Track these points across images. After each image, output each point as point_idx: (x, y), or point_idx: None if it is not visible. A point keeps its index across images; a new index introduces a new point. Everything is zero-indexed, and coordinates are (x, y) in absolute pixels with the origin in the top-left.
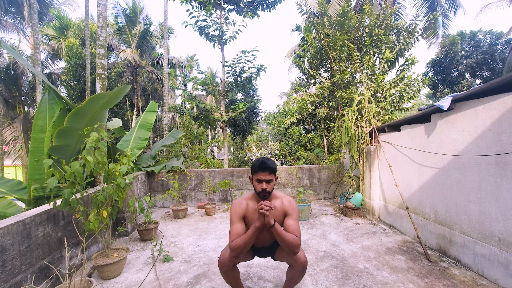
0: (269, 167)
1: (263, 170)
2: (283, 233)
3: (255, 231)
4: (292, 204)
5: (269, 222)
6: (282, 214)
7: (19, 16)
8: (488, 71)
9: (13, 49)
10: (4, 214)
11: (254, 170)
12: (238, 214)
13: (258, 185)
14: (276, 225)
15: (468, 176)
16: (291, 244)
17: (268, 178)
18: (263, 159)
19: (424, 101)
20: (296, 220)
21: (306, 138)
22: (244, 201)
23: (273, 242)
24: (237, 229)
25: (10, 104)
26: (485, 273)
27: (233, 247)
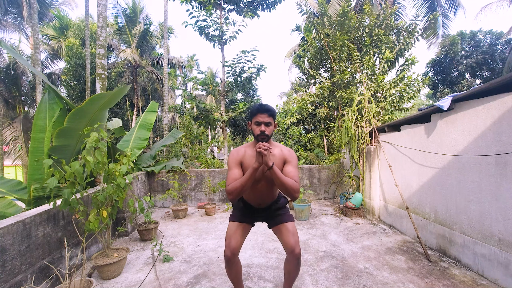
0: (268, 109)
1: (262, 112)
2: (282, 176)
3: (252, 172)
4: (291, 153)
5: (267, 163)
6: (282, 162)
7: (20, 16)
8: (488, 71)
9: (13, 49)
10: (4, 214)
11: (253, 113)
12: (235, 160)
13: (256, 128)
14: (275, 167)
15: (468, 176)
16: (290, 187)
17: (267, 120)
18: (262, 103)
19: (424, 101)
20: (295, 167)
21: (306, 138)
22: (242, 148)
23: (271, 203)
24: (234, 174)
25: (10, 104)
26: (485, 273)
27: (229, 189)
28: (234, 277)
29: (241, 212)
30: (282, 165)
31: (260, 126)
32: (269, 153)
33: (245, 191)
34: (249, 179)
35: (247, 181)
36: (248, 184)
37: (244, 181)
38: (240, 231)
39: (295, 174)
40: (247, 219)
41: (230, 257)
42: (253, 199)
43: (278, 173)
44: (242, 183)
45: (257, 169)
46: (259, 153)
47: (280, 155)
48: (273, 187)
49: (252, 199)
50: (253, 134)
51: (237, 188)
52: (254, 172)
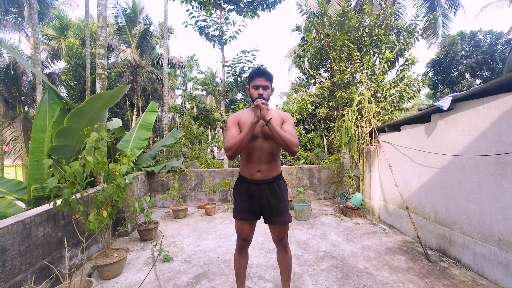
0: (265, 72)
1: (260, 76)
2: (280, 130)
3: (251, 126)
4: (288, 115)
5: (264, 116)
6: (280, 121)
7: (20, 16)
8: (488, 71)
9: (13, 49)
10: (4, 214)
11: (251, 77)
12: (233, 120)
13: (254, 92)
14: (273, 121)
15: (468, 176)
16: (288, 140)
17: (265, 83)
18: (259, 66)
19: (424, 101)
20: (293, 127)
21: (306, 138)
22: (240, 111)
23: (272, 179)
24: (232, 133)
25: (10, 104)
26: (485, 273)
27: (228, 146)
28: (240, 268)
29: (242, 204)
30: (280, 124)
31: (258, 90)
32: (266, 106)
33: (243, 147)
34: (248, 133)
35: (245, 136)
36: (246, 139)
37: (243, 136)
38: (248, 225)
39: (292, 132)
40: (250, 214)
41: (243, 244)
42: (252, 166)
43: (276, 127)
44: (240, 138)
45: (255, 123)
46: (257, 107)
47: (278, 115)
48: (272, 147)
49: (251, 165)
50: (251, 98)
51: (235, 143)
52: (253, 126)
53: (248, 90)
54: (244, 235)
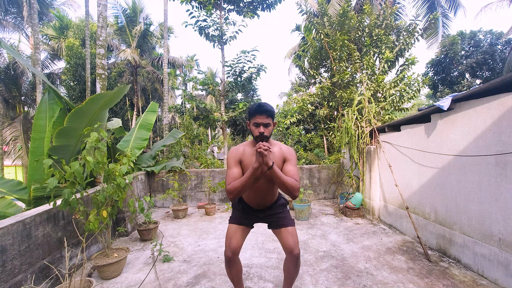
0: (266, 110)
1: (261, 113)
2: (282, 175)
3: (253, 172)
4: (290, 151)
5: (267, 162)
6: (281, 160)
7: (20, 16)
8: (488, 71)
9: (13, 49)
10: (4, 214)
11: (252, 114)
12: (234, 158)
13: (255, 129)
14: (275, 166)
15: (468, 176)
16: (290, 186)
17: (266, 121)
18: (261, 102)
19: (424, 101)
20: (295, 166)
21: (306, 138)
22: (242, 146)
23: (271, 204)
24: (233, 173)
25: (10, 104)
26: (485, 273)
27: (229, 189)
28: (235, 276)
29: (241, 214)
30: (281, 163)
31: (259, 128)
32: (269, 152)
33: (245, 191)
34: (249, 178)
35: (247, 181)
36: (248, 184)
37: (244, 181)
38: (240, 232)
39: (295, 173)
40: (247, 221)
41: (231, 257)
42: (253, 199)
43: (278, 172)
44: (242, 182)
45: (257, 168)
46: (259, 153)
47: (279, 153)
48: (273, 187)
49: (252, 199)
50: (252, 134)
51: (237, 187)
52: (255, 171)
53: (248, 125)
54: (234, 244)
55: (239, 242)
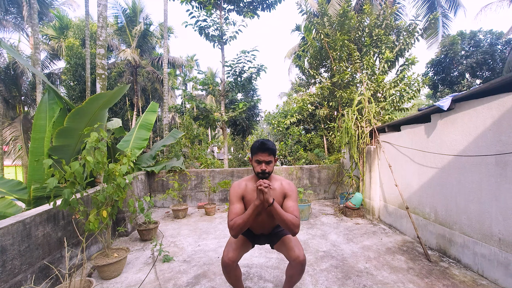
0: (268, 148)
1: (263, 151)
2: (282, 212)
3: (254, 209)
4: (291, 186)
5: (267, 200)
6: (282, 196)
7: (20, 16)
8: (488, 71)
9: (13, 49)
10: (4, 214)
11: (254, 151)
12: (237, 194)
13: (257, 166)
14: (275, 203)
15: (468, 176)
16: (291, 223)
17: (268, 159)
18: (263, 140)
19: (424, 101)
20: (295, 201)
21: (306, 138)
22: (244, 182)
23: (272, 229)
24: (236, 209)
25: (10, 104)
26: (485, 273)
27: (231, 225)
28: (233, 281)
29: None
30: (282, 199)
31: (261, 165)
32: (269, 190)
33: (247, 227)
34: (251, 215)
35: (249, 218)
36: (250, 220)
37: (246, 218)
38: (241, 244)
39: (295, 209)
40: (249, 238)
41: (228, 263)
42: (254, 228)
43: (278, 209)
44: (244, 219)
45: (258, 206)
46: (260, 191)
47: (280, 189)
48: (274, 219)
49: (254, 228)
50: (254, 170)
51: (239, 224)
52: (256, 209)
53: (250, 161)
54: (231, 255)
55: (238, 253)
